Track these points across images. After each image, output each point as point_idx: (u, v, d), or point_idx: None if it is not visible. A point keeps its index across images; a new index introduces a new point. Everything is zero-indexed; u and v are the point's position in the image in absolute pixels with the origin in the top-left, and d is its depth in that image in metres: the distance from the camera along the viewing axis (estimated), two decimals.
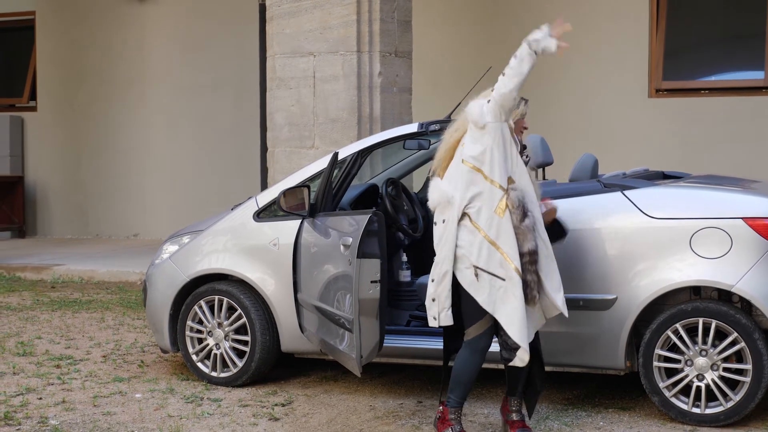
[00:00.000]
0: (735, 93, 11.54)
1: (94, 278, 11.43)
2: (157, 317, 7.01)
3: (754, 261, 5.67)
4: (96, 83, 14.94)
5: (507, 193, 5.19)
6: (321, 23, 9.21)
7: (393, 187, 7.05)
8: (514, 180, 5.24)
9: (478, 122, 5.26)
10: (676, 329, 5.77)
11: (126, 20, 14.73)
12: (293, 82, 9.32)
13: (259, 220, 6.74)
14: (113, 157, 14.87)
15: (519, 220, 5.18)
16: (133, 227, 14.77)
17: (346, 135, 9.08)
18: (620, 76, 11.87)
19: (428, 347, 6.30)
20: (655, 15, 11.82)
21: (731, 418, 5.71)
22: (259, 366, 6.69)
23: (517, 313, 5.16)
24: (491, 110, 5.22)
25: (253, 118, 13.58)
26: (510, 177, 5.23)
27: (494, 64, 9.68)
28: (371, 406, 6.27)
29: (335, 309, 5.96)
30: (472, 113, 5.29)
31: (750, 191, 6.13)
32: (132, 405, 6.34)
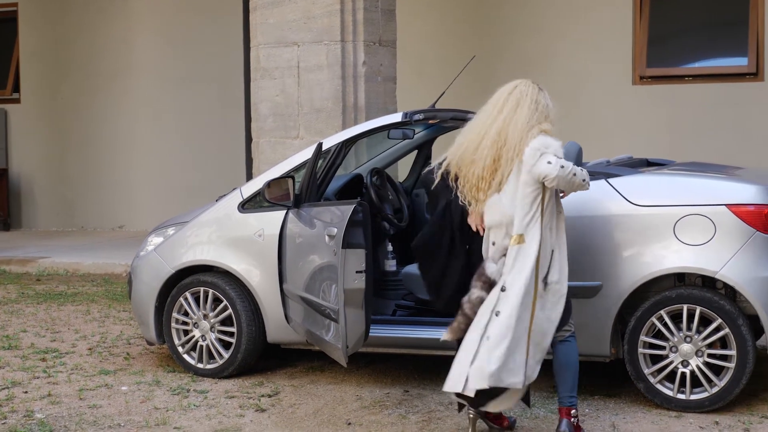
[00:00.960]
0: (719, 80, 11.57)
1: (80, 270, 11.40)
2: (143, 309, 7.00)
3: (738, 247, 5.69)
4: (80, 75, 14.88)
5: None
6: (305, 13, 9.18)
7: (378, 177, 7.05)
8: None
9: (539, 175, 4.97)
10: (661, 316, 5.79)
11: (110, 12, 14.67)
12: (277, 72, 9.30)
13: (244, 211, 6.73)
14: (98, 149, 14.82)
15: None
16: (119, 219, 14.73)
17: (331, 125, 9.07)
18: (604, 63, 11.89)
19: (414, 336, 6.31)
20: (639, 2, 11.83)
21: (716, 403, 5.74)
22: (245, 357, 6.69)
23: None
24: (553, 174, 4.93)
25: (238, 108, 13.55)
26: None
27: (478, 53, 9.72)
28: (358, 396, 6.28)
29: (321, 299, 5.96)
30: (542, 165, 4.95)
31: (733, 178, 6.15)
32: (118, 398, 6.33)
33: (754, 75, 11.33)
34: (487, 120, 5.09)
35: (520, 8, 12.34)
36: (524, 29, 12.25)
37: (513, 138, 5.00)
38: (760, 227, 5.70)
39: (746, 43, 11.39)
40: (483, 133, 5.08)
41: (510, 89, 5.13)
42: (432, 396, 6.22)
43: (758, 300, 5.65)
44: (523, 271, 4.97)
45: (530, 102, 5.07)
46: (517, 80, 5.18)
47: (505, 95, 5.11)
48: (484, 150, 5.04)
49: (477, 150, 5.07)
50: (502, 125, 5.04)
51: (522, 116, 5.03)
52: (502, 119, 5.05)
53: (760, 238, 5.70)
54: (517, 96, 5.09)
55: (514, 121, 5.03)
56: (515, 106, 5.06)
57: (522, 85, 5.14)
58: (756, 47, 11.30)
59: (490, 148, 5.03)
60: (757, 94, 11.34)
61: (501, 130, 5.03)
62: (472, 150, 5.09)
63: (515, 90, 5.11)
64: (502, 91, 5.14)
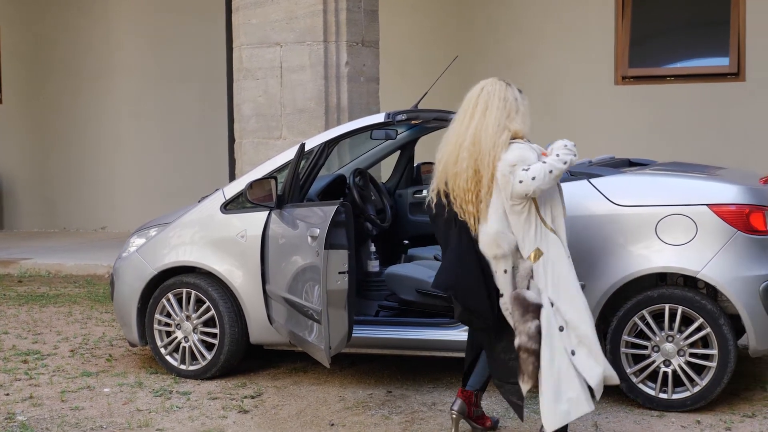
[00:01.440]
0: (700, 80, 11.61)
1: (62, 272, 11.36)
2: (125, 311, 6.98)
3: (719, 247, 5.72)
4: (62, 75, 14.83)
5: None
6: (287, 13, 9.17)
7: (360, 178, 7.05)
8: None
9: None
10: (643, 315, 5.81)
11: (92, 11, 14.62)
12: (260, 72, 9.29)
13: (227, 212, 6.72)
14: (80, 149, 14.77)
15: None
16: (101, 220, 14.68)
17: (314, 125, 9.06)
18: (586, 63, 11.92)
19: (397, 337, 6.31)
20: (621, 3, 11.87)
21: (698, 403, 5.76)
22: (228, 358, 6.68)
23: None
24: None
25: (221, 109, 13.52)
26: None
27: (461, 53, 9.73)
28: (341, 397, 6.27)
29: (303, 300, 5.95)
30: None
31: (715, 178, 6.18)
32: (100, 399, 6.31)
33: (735, 75, 11.38)
34: (461, 128, 4.98)
35: (502, 9, 12.36)
36: (507, 29, 12.27)
37: (486, 144, 4.90)
38: (741, 227, 5.72)
39: (727, 43, 11.43)
40: (460, 143, 4.97)
41: (477, 92, 5.02)
42: (415, 396, 6.23)
43: (739, 299, 5.68)
44: (562, 276, 4.88)
45: (498, 101, 4.96)
46: (483, 81, 5.07)
47: (474, 99, 5.00)
48: (464, 162, 4.93)
49: (457, 162, 4.97)
50: (475, 132, 4.94)
51: (492, 119, 4.93)
52: (474, 125, 4.94)
53: (741, 237, 5.72)
54: (485, 98, 4.98)
55: (485, 126, 4.92)
56: (484, 109, 4.95)
57: (488, 85, 5.03)
58: (737, 47, 11.35)
59: (468, 158, 4.92)
60: (739, 94, 11.39)
61: (475, 137, 4.94)
62: (453, 162, 4.98)
63: (482, 92, 5.01)
64: (471, 96, 5.03)
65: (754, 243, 5.75)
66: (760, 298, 5.69)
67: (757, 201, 5.82)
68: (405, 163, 7.66)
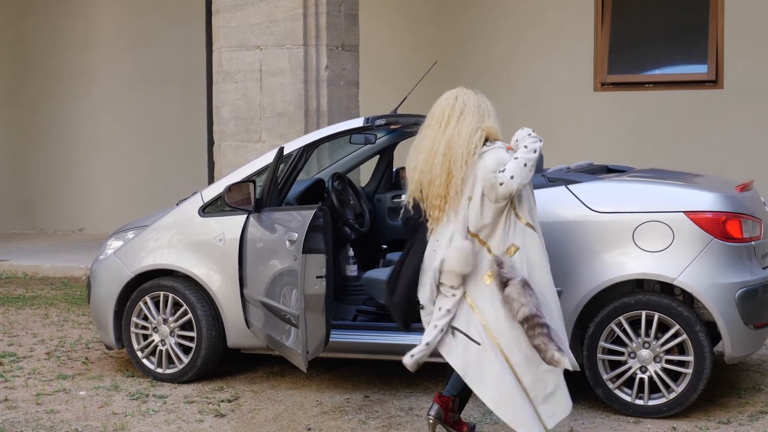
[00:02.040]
0: (679, 87, 11.66)
1: (39, 274, 11.30)
2: (102, 313, 6.95)
3: (696, 254, 5.74)
4: (41, 77, 14.75)
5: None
6: (267, 16, 9.17)
7: (339, 182, 7.04)
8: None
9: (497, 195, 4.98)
10: (620, 322, 5.83)
11: (71, 13, 14.55)
12: (240, 75, 9.28)
13: (205, 215, 6.70)
14: (58, 150, 14.70)
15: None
16: (79, 222, 14.61)
17: (293, 129, 9.05)
18: (566, 69, 11.95)
19: (375, 342, 6.30)
20: (600, 9, 11.91)
21: (674, 409, 5.78)
22: (205, 362, 6.66)
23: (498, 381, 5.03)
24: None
25: (200, 112, 13.48)
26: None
27: (441, 58, 9.75)
28: (318, 401, 6.27)
29: (281, 305, 5.95)
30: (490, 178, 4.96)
31: (692, 185, 6.21)
32: (76, 403, 6.28)
33: (713, 82, 11.44)
34: (436, 135, 5.07)
35: (482, 14, 12.38)
36: (487, 35, 12.29)
37: (459, 147, 5.00)
38: (718, 234, 5.75)
39: (705, 50, 11.49)
40: (435, 150, 5.05)
41: (452, 101, 5.11)
42: (392, 401, 6.23)
43: (715, 306, 5.71)
44: (534, 268, 5.04)
45: (473, 107, 5.08)
46: (454, 90, 5.17)
47: (449, 108, 5.09)
48: (438, 167, 5.02)
49: (432, 168, 5.05)
50: (450, 138, 5.03)
51: (466, 124, 5.04)
52: (449, 132, 5.04)
53: (718, 245, 5.75)
54: (460, 106, 5.09)
55: (459, 131, 5.03)
56: (459, 116, 5.06)
57: (461, 94, 5.14)
58: (715, 55, 11.41)
59: (443, 163, 5.02)
60: (717, 101, 11.45)
61: (449, 142, 5.03)
62: (428, 170, 5.06)
63: (457, 102, 5.10)
64: (444, 105, 5.12)
65: (730, 250, 5.78)
66: (736, 306, 5.72)
67: (733, 208, 5.85)
68: (384, 168, 7.66)
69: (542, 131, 5.22)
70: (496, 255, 5.00)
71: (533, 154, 4.96)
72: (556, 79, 11.97)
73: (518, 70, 12.07)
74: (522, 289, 4.92)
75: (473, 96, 5.13)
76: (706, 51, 11.47)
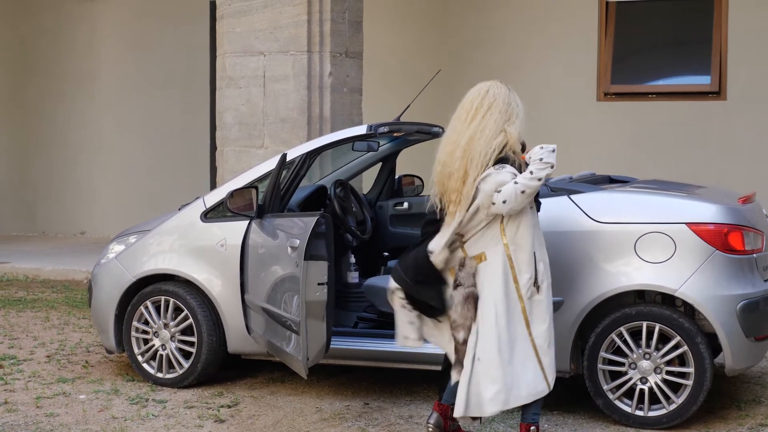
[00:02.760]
0: (682, 98, 11.66)
1: (40, 276, 11.31)
2: (103, 317, 6.96)
3: (697, 266, 5.74)
4: (45, 79, 14.77)
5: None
6: (271, 23, 9.18)
7: (341, 189, 7.05)
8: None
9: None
10: (621, 332, 5.83)
11: (75, 17, 14.58)
12: (243, 81, 9.29)
13: (207, 220, 6.71)
14: (62, 154, 14.71)
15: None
16: (81, 225, 14.63)
17: (296, 135, 9.06)
18: (569, 79, 11.96)
19: (375, 349, 6.30)
20: (604, 19, 11.92)
21: (674, 420, 5.78)
22: (206, 367, 6.66)
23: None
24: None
25: (203, 116, 13.51)
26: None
27: (444, 66, 9.76)
28: (318, 408, 6.26)
29: (282, 311, 5.95)
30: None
31: (694, 197, 6.21)
32: (76, 406, 6.28)
33: (716, 94, 11.44)
34: (462, 127, 5.04)
35: (486, 22, 12.39)
36: (490, 43, 12.30)
37: (479, 145, 4.97)
38: (720, 246, 5.75)
39: (709, 61, 11.50)
40: (457, 143, 5.03)
41: (483, 93, 5.07)
42: (392, 409, 6.22)
43: (716, 318, 5.70)
44: (485, 289, 5.12)
45: (502, 104, 5.05)
46: (487, 83, 5.13)
47: (479, 100, 5.05)
48: (457, 161, 5.01)
49: (452, 162, 5.02)
50: (473, 132, 5.00)
51: (491, 121, 5.01)
52: (474, 126, 5.01)
53: (720, 257, 5.75)
54: (489, 100, 5.05)
55: (483, 127, 5.00)
56: (486, 111, 5.03)
57: (493, 87, 5.10)
58: (719, 66, 11.42)
59: (462, 158, 5.00)
60: (719, 113, 11.45)
61: (471, 137, 5.00)
62: (450, 163, 5.05)
63: (488, 94, 5.07)
64: (474, 96, 5.09)
65: (732, 262, 5.78)
66: (737, 318, 5.72)
67: (735, 220, 5.85)
68: (386, 175, 7.66)
69: (544, 140, 5.20)
70: (466, 256, 5.05)
71: (535, 182, 4.91)
72: (558, 89, 11.98)
73: (521, 78, 12.05)
74: (464, 301, 5.05)
75: (505, 91, 5.08)
76: (709, 62, 11.48)
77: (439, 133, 7.01)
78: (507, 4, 12.31)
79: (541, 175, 4.93)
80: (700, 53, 11.62)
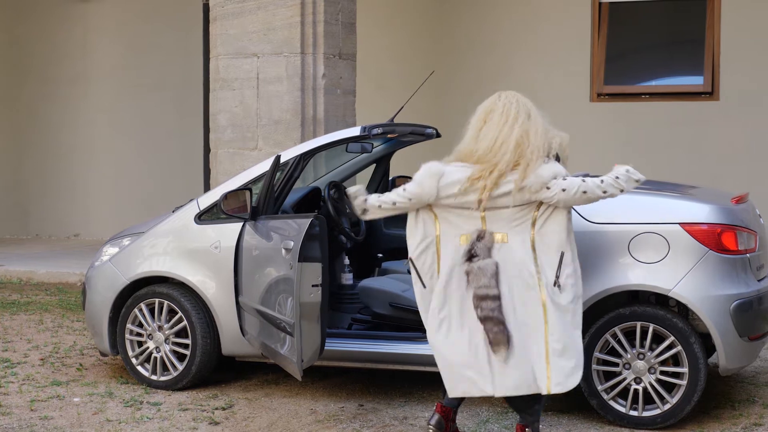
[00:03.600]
0: (675, 98, 11.68)
1: (33, 279, 11.29)
2: (97, 320, 6.95)
3: (691, 266, 5.75)
4: (38, 81, 14.76)
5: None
6: (265, 24, 9.18)
7: (335, 190, 7.05)
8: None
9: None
10: (615, 333, 5.84)
11: (69, 18, 14.57)
12: (237, 83, 9.29)
13: (201, 222, 6.70)
14: (55, 156, 14.70)
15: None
16: (74, 227, 14.61)
17: (290, 137, 9.06)
18: (562, 79, 11.97)
19: (369, 350, 6.30)
20: (597, 20, 11.94)
21: (668, 420, 5.79)
22: (200, 369, 6.66)
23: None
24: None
25: (197, 118, 13.49)
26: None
27: (437, 67, 9.77)
28: (312, 410, 6.26)
29: (276, 312, 5.95)
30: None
31: (687, 197, 6.23)
32: (70, 409, 6.27)
33: (709, 94, 11.47)
34: (503, 129, 5.09)
35: (479, 24, 12.40)
36: (483, 44, 12.32)
37: (537, 138, 5.09)
38: (713, 246, 5.76)
39: (702, 62, 11.52)
40: (502, 141, 5.06)
41: (514, 102, 5.19)
42: (387, 410, 6.22)
43: (710, 318, 5.71)
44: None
45: (536, 109, 5.24)
46: (510, 92, 5.27)
47: (515, 106, 5.17)
48: (506, 154, 5.02)
49: (502, 156, 5.04)
50: (525, 130, 5.10)
51: (540, 120, 5.18)
52: (522, 126, 5.10)
53: (713, 257, 5.76)
54: (525, 110, 5.18)
55: (533, 125, 5.13)
56: (527, 115, 5.16)
57: (521, 96, 5.26)
58: (712, 67, 11.44)
59: (512, 152, 5.03)
60: (712, 113, 11.48)
61: (521, 136, 5.07)
62: (493, 156, 5.05)
63: (519, 103, 5.20)
64: (507, 103, 5.18)
65: (725, 262, 5.79)
66: (730, 317, 5.73)
67: (729, 220, 5.87)
68: (380, 177, 7.66)
69: None
70: (485, 229, 5.03)
71: (600, 193, 5.09)
72: (552, 89, 11.98)
73: (515, 80, 12.07)
74: (486, 271, 4.98)
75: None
76: (702, 62, 11.51)
77: (432, 134, 7.03)
78: (500, 5, 12.33)
79: (608, 190, 5.09)
80: (693, 54, 11.65)
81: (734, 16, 11.41)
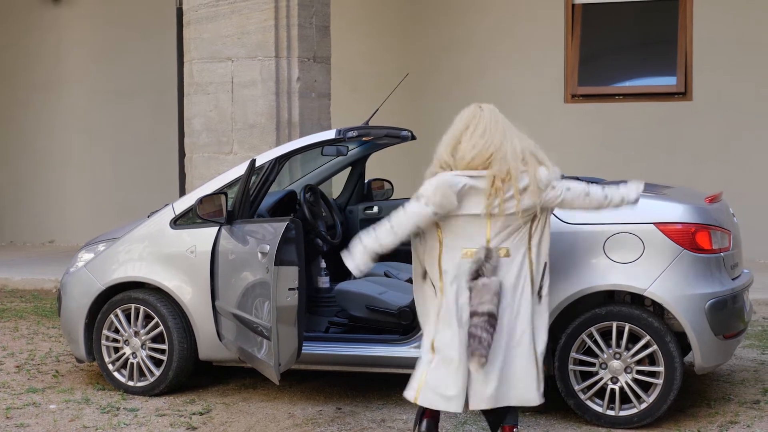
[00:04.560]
0: (648, 99, 11.76)
1: (8, 286, 11.23)
2: (72, 326, 6.91)
3: (666, 265, 5.78)
4: (11, 87, 14.68)
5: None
6: (239, 28, 9.17)
7: (311, 194, 7.05)
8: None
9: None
10: (591, 333, 5.86)
11: (41, 23, 14.50)
12: (211, 87, 9.27)
13: (176, 227, 6.68)
14: (29, 161, 14.63)
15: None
16: (49, 233, 14.54)
17: (265, 140, 9.06)
18: (537, 81, 12.03)
19: (347, 354, 6.30)
20: (570, 21, 12.00)
21: (644, 419, 5.81)
22: (177, 374, 6.64)
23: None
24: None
25: (172, 123, 13.46)
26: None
27: (412, 70, 9.78)
28: (290, 414, 6.26)
29: (253, 317, 5.94)
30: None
31: (662, 197, 6.25)
32: (46, 416, 6.24)
33: (682, 94, 11.55)
34: (496, 133, 5.09)
35: (453, 26, 12.44)
36: (457, 47, 12.35)
37: (530, 146, 5.14)
38: (688, 245, 5.80)
39: (674, 63, 11.60)
40: (499, 146, 5.05)
41: (496, 113, 5.20)
42: (365, 413, 6.23)
43: (685, 317, 5.74)
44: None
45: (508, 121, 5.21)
46: (486, 105, 5.25)
47: (495, 116, 5.17)
48: (517, 160, 5.03)
49: (513, 158, 5.04)
50: (518, 135, 5.15)
51: (515, 132, 5.17)
52: (512, 133, 5.14)
53: (688, 256, 5.80)
54: (502, 121, 5.18)
55: (519, 135, 5.15)
56: (509, 126, 5.17)
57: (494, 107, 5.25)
58: (684, 67, 11.52)
59: (517, 156, 5.05)
60: (686, 113, 11.56)
61: (521, 138, 5.14)
62: (500, 158, 5.05)
63: (499, 114, 5.20)
64: (490, 114, 5.17)
65: (699, 261, 5.83)
66: (705, 316, 5.76)
67: (702, 220, 5.90)
68: (356, 180, 7.67)
69: None
70: (490, 247, 4.97)
71: (604, 200, 5.13)
72: (526, 91, 12.04)
73: (489, 81, 12.13)
74: (484, 288, 4.92)
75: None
76: (675, 63, 11.58)
77: (408, 136, 7.04)
78: (474, 7, 12.37)
79: (628, 197, 5.18)
80: (665, 54, 11.73)
81: (706, 17, 11.50)
